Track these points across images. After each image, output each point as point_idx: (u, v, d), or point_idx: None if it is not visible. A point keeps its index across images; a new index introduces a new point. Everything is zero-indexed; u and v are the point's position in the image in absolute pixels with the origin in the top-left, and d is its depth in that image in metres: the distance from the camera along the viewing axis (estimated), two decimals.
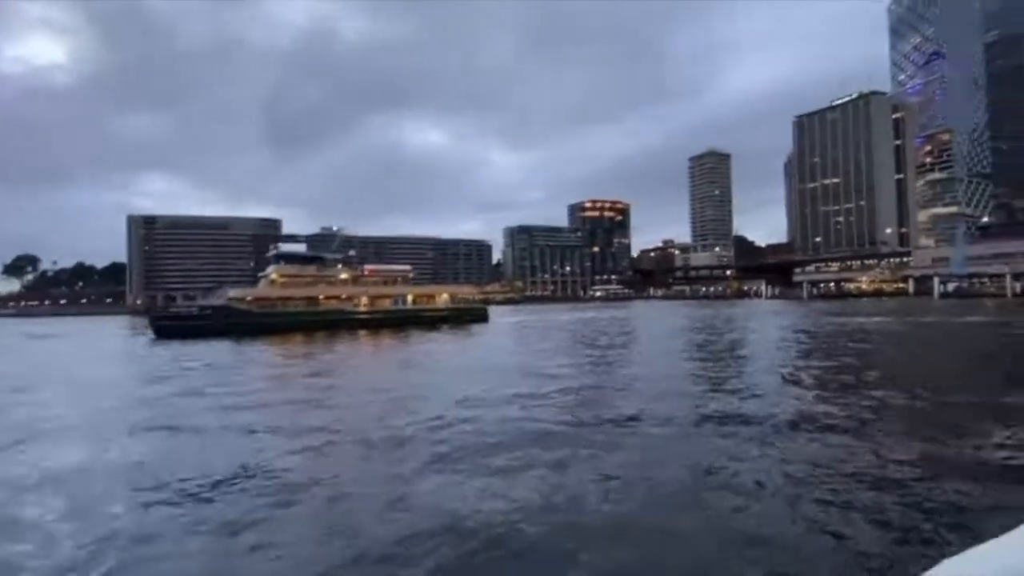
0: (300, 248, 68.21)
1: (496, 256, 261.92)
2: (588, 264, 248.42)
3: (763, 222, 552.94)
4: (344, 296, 53.62)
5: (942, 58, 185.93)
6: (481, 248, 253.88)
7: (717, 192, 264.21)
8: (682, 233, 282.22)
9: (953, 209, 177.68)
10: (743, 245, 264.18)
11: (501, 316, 71.69)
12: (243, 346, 33.80)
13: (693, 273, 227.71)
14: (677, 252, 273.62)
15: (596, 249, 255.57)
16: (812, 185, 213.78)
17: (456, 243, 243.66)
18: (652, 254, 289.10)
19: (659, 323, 49.61)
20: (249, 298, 49.92)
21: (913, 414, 10.97)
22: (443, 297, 61.32)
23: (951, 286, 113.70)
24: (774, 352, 23.46)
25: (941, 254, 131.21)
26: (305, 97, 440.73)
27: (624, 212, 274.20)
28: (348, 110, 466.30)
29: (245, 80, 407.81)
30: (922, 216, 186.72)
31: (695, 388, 14.65)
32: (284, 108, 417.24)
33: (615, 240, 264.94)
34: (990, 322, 39.19)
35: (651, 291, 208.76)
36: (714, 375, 16.95)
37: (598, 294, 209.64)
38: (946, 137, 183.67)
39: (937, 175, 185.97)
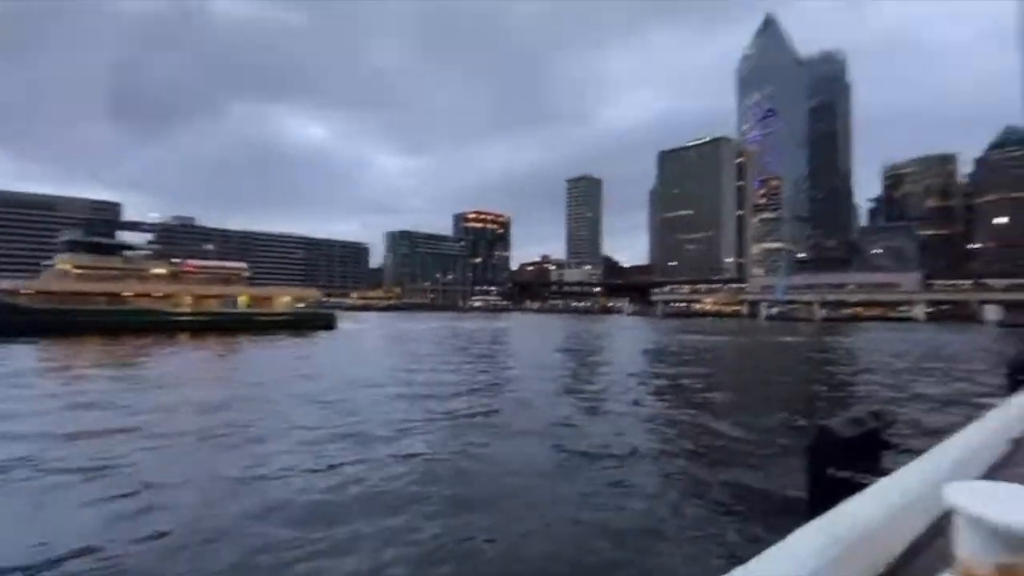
0: (142, 237, 60.22)
1: (375, 261, 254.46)
2: (470, 274, 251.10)
3: (629, 245, 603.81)
4: (160, 294, 47.19)
5: (776, 116, 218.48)
6: (359, 251, 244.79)
7: (590, 214, 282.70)
8: (558, 250, 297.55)
9: (779, 245, 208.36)
10: (611, 265, 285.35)
11: (360, 322, 69.54)
12: None
13: (567, 288, 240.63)
14: (553, 268, 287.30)
15: (478, 260, 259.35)
16: (671, 215, 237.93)
17: (331, 244, 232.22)
18: (530, 268, 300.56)
19: (538, 337, 51.47)
20: (27, 291, 41.53)
21: (725, 405, 12.94)
22: (284, 300, 55.81)
23: (775, 310, 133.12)
24: (633, 359, 25.76)
25: (768, 282, 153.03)
26: (163, 70, 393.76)
27: (506, 225, 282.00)
28: (217, 92, 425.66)
29: (89, 41, 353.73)
30: (756, 249, 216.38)
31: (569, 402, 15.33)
32: (136, 79, 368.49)
33: (496, 252, 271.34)
34: (798, 342, 46.41)
35: (528, 303, 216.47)
36: (583, 382, 18.16)
37: (477, 304, 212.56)
38: (776, 183, 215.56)
39: (768, 215, 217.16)
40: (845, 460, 3.64)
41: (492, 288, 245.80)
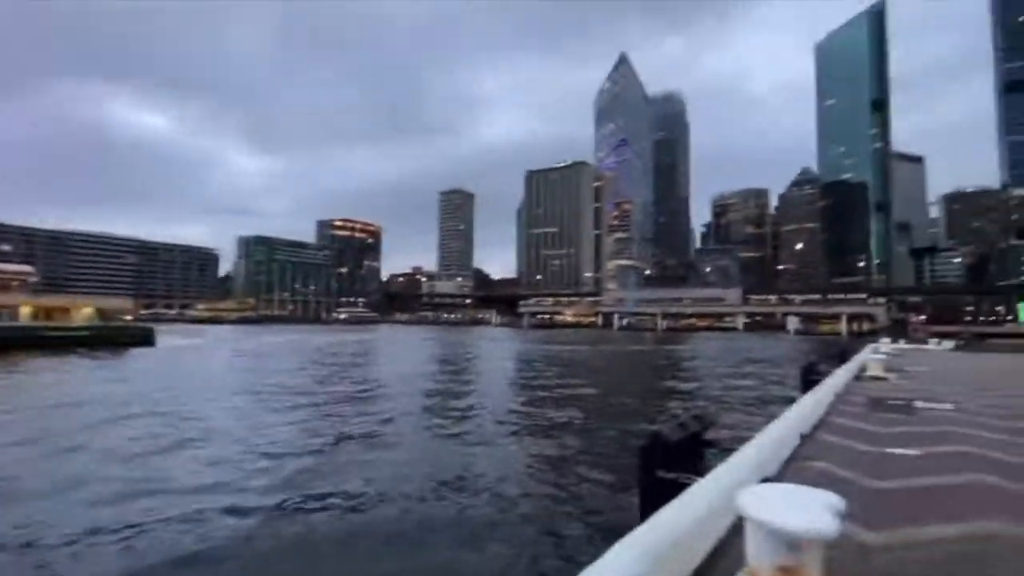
0: None
1: (225, 268, 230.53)
2: (335, 285, 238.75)
3: (499, 258, 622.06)
4: None
5: (628, 145, 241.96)
6: (206, 258, 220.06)
7: (462, 227, 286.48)
8: (430, 261, 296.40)
9: (630, 262, 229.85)
10: (481, 277, 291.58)
11: (196, 337, 62.86)
12: None
13: (438, 300, 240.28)
14: (424, 279, 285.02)
15: (344, 270, 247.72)
16: (537, 231, 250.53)
17: (171, 249, 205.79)
18: (401, 279, 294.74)
19: (406, 349, 50.84)
20: None
21: (580, 413, 14.30)
22: (84, 312, 48.02)
23: (625, 321, 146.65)
24: (498, 371, 26.98)
25: (620, 296, 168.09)
26: None
27: (376, 235, 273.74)
28: (31, 63, 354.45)
29: None
30: (611, 265, 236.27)
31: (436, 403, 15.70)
32: None
33: (365, 262, 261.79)
34: (645, 350, 52.12)
35: (397, 315, 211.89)
36: (455, 391, 18.69)
37: (343, 316, 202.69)
38: (628, 207, 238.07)
39: (621, 235, 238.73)
40: (673, 462, 4.21)
41: (360, 299, 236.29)
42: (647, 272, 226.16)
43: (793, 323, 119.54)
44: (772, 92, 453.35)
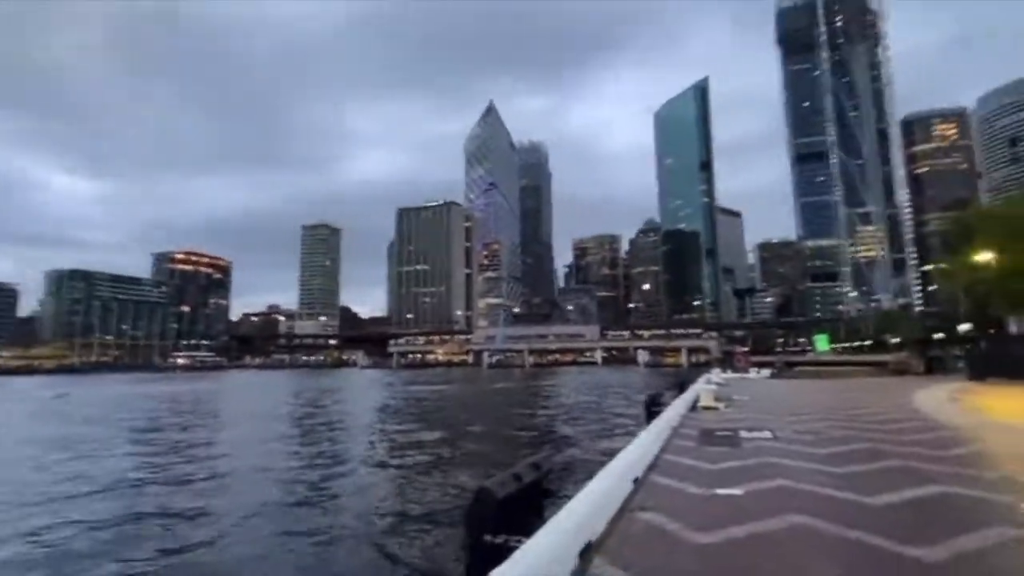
0: None
1: (29, 307, 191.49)
2: (174, 326, 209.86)
3: (368, 296, 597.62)
4: None
5: (496, 189, 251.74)
6: (2, 294, 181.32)
7: (327, 263, 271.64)
8: (290, 300, 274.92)
9: (499, 300, 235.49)
10: (348, 316, 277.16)
11: None
12: None
13: (297, 341, 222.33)
14: (283, 319, 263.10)
15: (186, 309, 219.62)
16: (408, 269, 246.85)
17: None
18: (255, 319, 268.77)
19: (244, 402, 44.99)
20: None
21: (427, 464, 13.09)
22: None
23: (495, 358, 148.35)
24: (353, 421, 24.63)
25: (490, 333, 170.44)
26: None
27: (225, 270, 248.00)
28: None
29: None
30: (481, 304, 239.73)
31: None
32: None
33: (212, 300, 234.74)
34: (507, 388, 52.41)
35: (248, 359, 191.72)
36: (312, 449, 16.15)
37: (181, 361, 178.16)
38: (496, 247, 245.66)
39: (491, 274, 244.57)
40: (503, 522, 3.76)
41: (203, 342, 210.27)
42: (515, 310, 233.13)
43: (643, 356, 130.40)
44: (622, 150, 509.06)
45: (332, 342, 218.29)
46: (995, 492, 3.92)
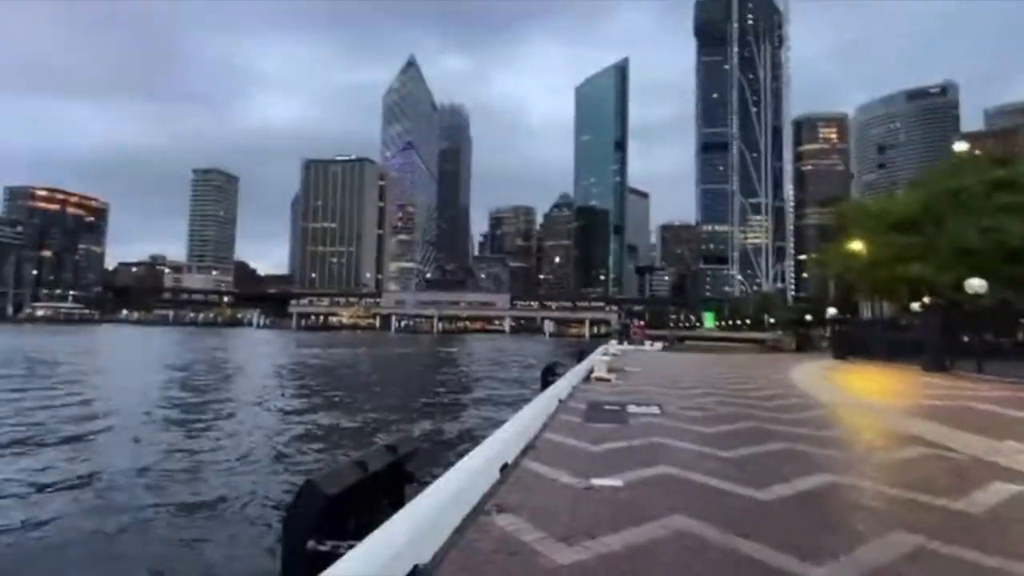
0: None
1: None
2: (33, 272, 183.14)
3: (268, 252, 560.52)
4: None
5: (414, 149, 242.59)
6: None
7: (222, 213, 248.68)
8: (177, 251, 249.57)
9: (412, 264, 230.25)
10: (245, 272, 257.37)
11: None
12: None
13: (185, 296, 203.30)
14: (168, 271, 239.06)
15: (48, 253, 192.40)
16: (315, 225, 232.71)
17: None
18: (135, 269, 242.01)
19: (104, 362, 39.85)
20: None
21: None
22: None
23: (403, 323, 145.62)
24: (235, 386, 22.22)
25: (400, 297, 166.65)
26: None
27: (100, 213, 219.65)
28: None
29: None
30: (392, 267, 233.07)
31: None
32: None
33: (82, 246, 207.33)
34: (410, 353, 51.17)
35: (125, 313, 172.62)
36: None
37: (40, 313, 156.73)
38: (411, 210, 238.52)
39: (404, 237, 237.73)
40: (336, 523, 3.00)
41: (71, 293, 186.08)
42: (428, 275, 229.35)
43: (549, 326, 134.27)
44: (543, 122, 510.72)
45: (225, 299, 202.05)
46: (870, 481, 3.64)
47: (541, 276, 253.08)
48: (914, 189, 26.27)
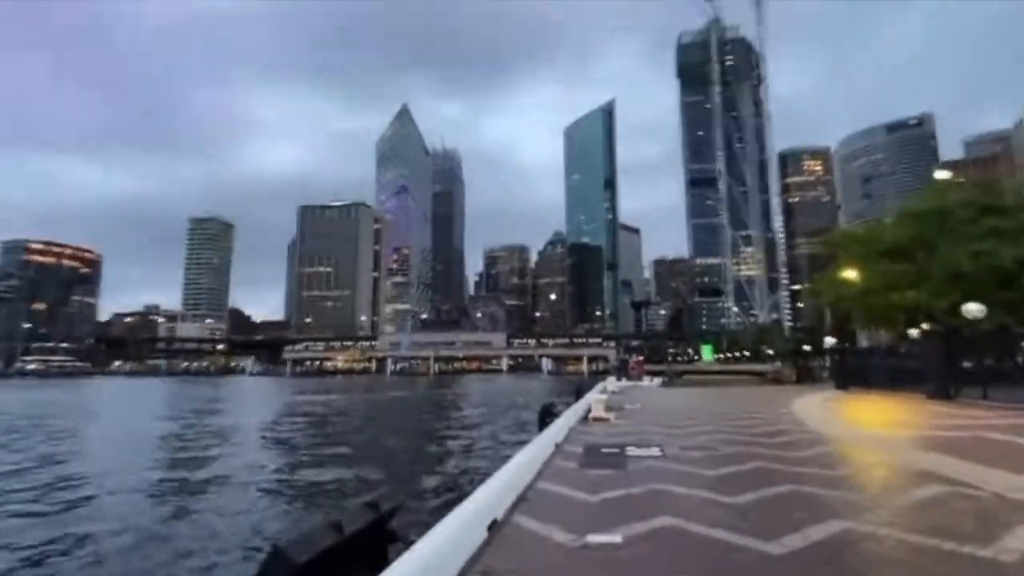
0: None
1: None
2: (25, 325, 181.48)
3: (263, 298, 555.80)
4: None
5: (408, 193, 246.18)
6: None
7: (216, 261, 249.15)
8: (171, 300, 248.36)
9: (407, 306, 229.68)
10: (239, 319, 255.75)
11: None
12: None
13: (178, 345, 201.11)
14: (162, 320, 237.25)
15: (41, 306, 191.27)
16: (310, 270, 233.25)
17: None
18: (129, 320, 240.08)
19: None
20: None
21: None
22: None
23: (399, 366, 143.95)
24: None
25: (395, 339, 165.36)
26: None
27: (94, 265, 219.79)
28: None
29: None
30: (388, 309, 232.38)
31: None
32: None
33: (75, 298, 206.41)
34: (406, 397, 50.22)
35: (118, 365, 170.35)
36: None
37: (32, 367, 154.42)
38: (406, 252, 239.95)
39: (399, 279, 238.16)
40: None
41: (63, 345, 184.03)
42: (423, 316, 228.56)
43: (547, 364, 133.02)
44: (533, 163, 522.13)
45: (220, 347, 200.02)
46: (888, 527, 3.36)
47: (537, 314, 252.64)
48: (903, 217, 26.57)
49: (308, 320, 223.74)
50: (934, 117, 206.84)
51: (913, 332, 22.72)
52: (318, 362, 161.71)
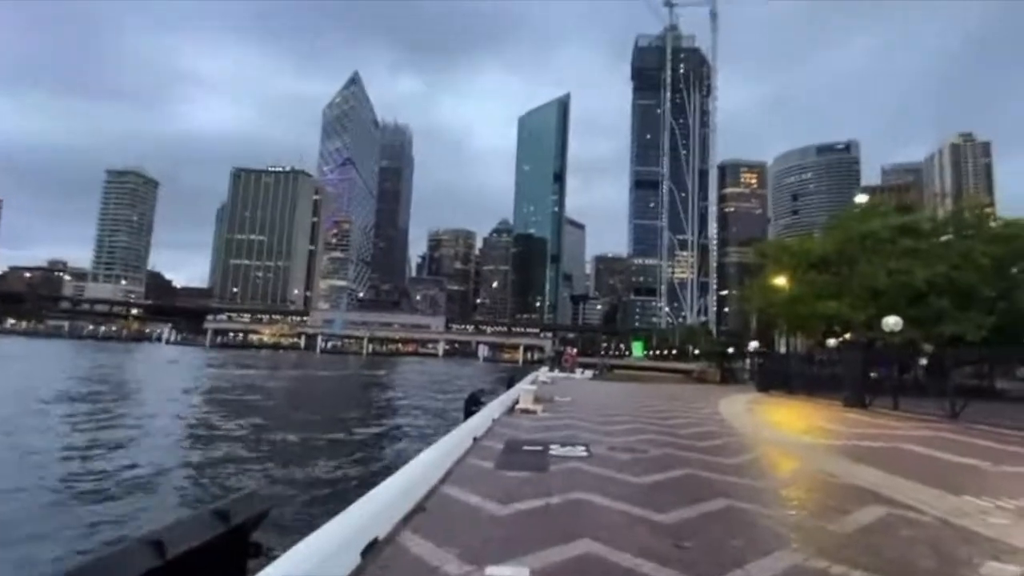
0: None
1: None
2: None
3: (187, 263, 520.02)
4: None
5: (353, 165, 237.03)
6: None
7: (136, 219, 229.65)
8: (82, 257, 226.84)
9: (344, 283, 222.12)
10: (158, 283, 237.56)
11: None
12: None
13: (86, 306, 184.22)
14: (69, 278, 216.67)
15: None
16: (241, 237, 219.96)
17: None
18: (30, 275, 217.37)
19: None
20: None
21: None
22: None
23: (330, 344, 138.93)
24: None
25: (329, 317, 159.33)
26: None
27: None
28: None
29: None
30: (323, 285, 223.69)
31: None
32: None
33: None
34: (334, 376, 48.17)
35: (11, 323, 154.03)
36: None
37: None
38: (347, 227, 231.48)
39: (338, 254, 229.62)
40: None
41: None
42: (361, 295, 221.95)
43: (483, 351, 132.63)
44: (486, 148, 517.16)
45: (134, 312, 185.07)
46: (843, 564, 2.94)
47: (478, 300, 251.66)
48: (829, 232, 27.84)
49: (235, 290, 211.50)
50: (859, 144, 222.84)
51: (831, 341, 23.92)
52: (242, 334, 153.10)
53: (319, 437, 15.43)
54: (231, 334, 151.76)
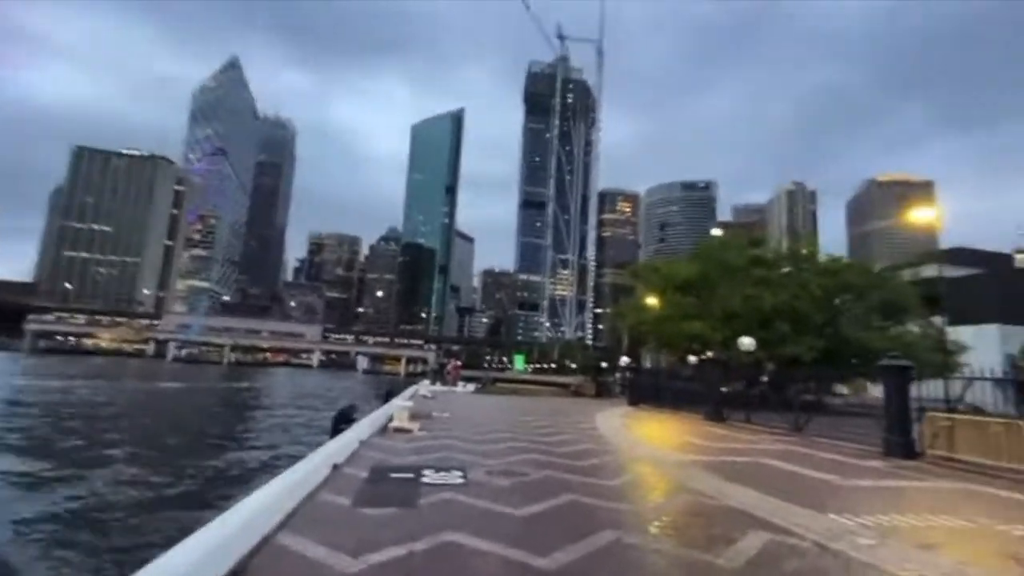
0: None
1: None
2: None
3: (7, 253, 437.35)
4: None
5: (225, 156, 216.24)
6: None
7: None
8: None
9: (206, 284, 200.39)
10: None
11: None
12: None
13: None
14: None
15: None
16: (79, 226, 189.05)
17: None
18: None
19: None
20: None
21: None
22: None
23: (184, 352, 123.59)
24: None
25: (185, 321, 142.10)
26: None
27: None
28: None
29: None
30: (181, 285, 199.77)
31: None
32: None
33: None
34: (184, 388, 42.47)
35: None
36: None
37: None
38: (214, 222, 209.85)
39: (200, 252, 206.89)
40: None
41: None
42: (225, 298, 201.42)
43: (363, 362, 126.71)
44: (377, 153, 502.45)
45: None
46: None
47: (360, 309, 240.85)
48: (694, 257, 30.42)
49: (69, 286, 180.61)
50: (717, 183, 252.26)
51: (692, 359, 25.93)
52: (75, 338, 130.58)
53: (128, 471, 12.23)
54: (60, 337, 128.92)
